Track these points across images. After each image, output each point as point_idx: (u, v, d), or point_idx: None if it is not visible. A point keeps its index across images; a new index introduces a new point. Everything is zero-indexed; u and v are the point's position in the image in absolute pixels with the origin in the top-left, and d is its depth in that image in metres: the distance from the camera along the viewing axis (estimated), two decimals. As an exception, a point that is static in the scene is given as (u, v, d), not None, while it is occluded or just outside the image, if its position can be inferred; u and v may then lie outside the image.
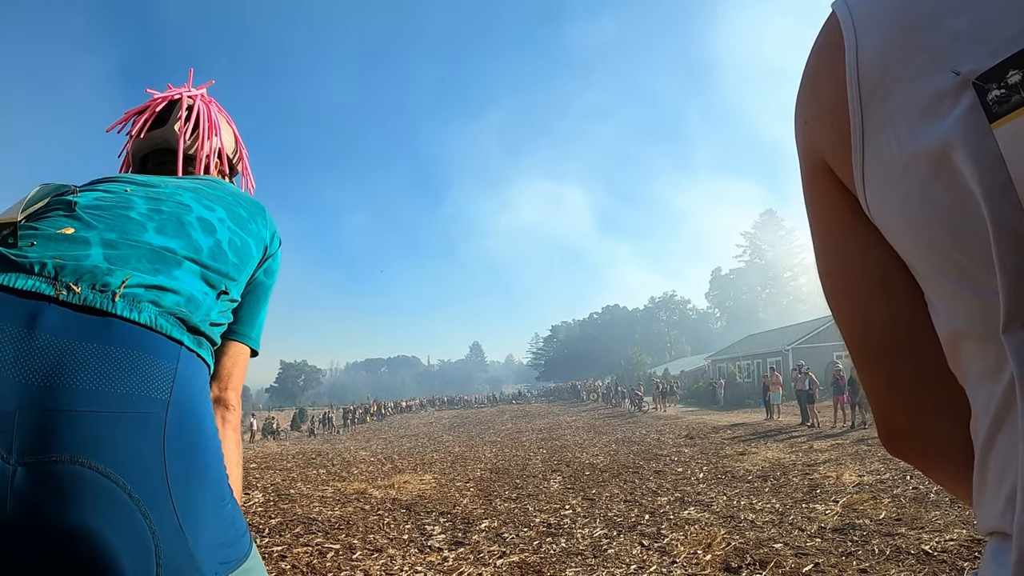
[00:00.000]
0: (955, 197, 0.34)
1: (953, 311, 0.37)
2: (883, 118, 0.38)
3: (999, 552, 0.34)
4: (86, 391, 0.61)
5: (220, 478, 0.72)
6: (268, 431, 33.65)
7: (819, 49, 0.44)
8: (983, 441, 0.36)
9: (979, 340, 0.35)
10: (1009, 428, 0.33)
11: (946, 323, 0.38)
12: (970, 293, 0.35)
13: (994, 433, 0.35)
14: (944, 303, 0.38)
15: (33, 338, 0.61)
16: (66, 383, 0.60)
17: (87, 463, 0.58)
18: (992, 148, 0.32)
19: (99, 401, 0.61)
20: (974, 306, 0.35)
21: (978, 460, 0.37)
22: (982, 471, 0.36)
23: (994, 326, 0.33)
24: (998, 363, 0.34)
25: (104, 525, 0.58)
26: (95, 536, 0.58)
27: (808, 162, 0.47)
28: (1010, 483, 0.33)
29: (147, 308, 0.71)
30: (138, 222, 0.81)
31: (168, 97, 1.15)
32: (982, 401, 0.36)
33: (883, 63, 0.38)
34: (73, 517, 0.57)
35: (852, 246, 0.46)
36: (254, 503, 6.53)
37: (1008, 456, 0.33)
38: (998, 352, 0.33)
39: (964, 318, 0.36)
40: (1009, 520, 0.32)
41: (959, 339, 0.37)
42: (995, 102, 0.32)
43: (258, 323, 1.01)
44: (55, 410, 0.59)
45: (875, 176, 0.39)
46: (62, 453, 0.58)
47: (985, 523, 0.36)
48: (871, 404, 0.49)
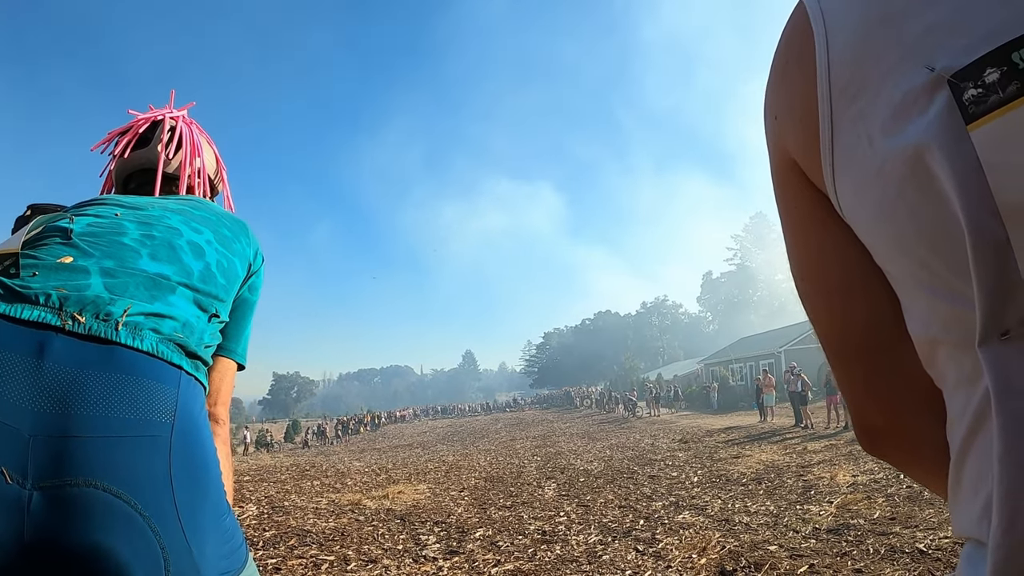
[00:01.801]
0: (930, 203, 0.32)
1: (927, 317, 0.36)
2: (854, 116, 0.36)
3: (975, 560, 0.33)
4: (96, 417, 0.64)
5: (220, 493, 0.76)
6: (262, 443, 33.32)
7: (787, 41, 0.42)
8: (958, 447, 0.35)
9: (954, 348, 0.34)
10: (983, 439, 0.32)
11: (921, 328, 0.37)
12: (945, 301, 0.33)
13: (969, 441, 0.34)
14: (918, 308, 0.37)
15: (42, 367, 0.64)
16: (77, 410, 0.63)
17: (101, 485, 0.62)
18: (968, 152, 0.30)
19: (109, 427, 0.64)
20: (949, 315, 0.33)
21: (953, 464, 0.36)
22: (957, 475, 0.35)
23: (969, 336, 0.32)
24: (974, 372, 0.33)
25: (118, 543, 0.62)
26: (110, 554, 0.61)
27: (778, 159, 0.45)
28: (985, 493, 0.32)
29: (148, 336, 0.74)
30: (132, 248, 0.83)
31: (151, 118, 1.17)
32: (958, 407, 0.35)
33: (854, 58, 0.36)
34: (89, 537, 0.61)
35: (826, 245, 0.44)
36: (248, 516, 6.48)
37: (983, 466, 0.32)
38: (973, 362, 0.32)
39: (939, 326, 0.35)
40: (985, 529, 0.32)
41: (934, 345, 0.36)
42: (971, 102, 0.30)
43: (243, 338, 1.03)
44: (68, 436, 0.62)
45: (846, 177, 0.38)
46: (76, 477, 0.61)
47: (960, 527, 0.36)
48: (847, 403, 0.48)
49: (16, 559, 0.58)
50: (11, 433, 0.60)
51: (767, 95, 0.45)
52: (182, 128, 1.17)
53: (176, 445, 0.68)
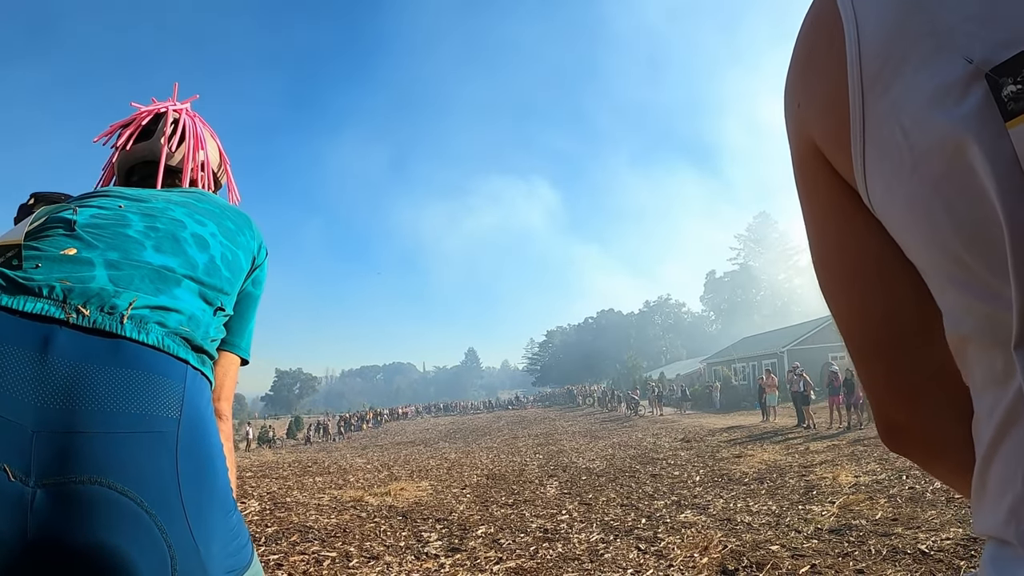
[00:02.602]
0: (968, 199, 0.31)
1: (960, 315, 0.35)
2: (887, 107, 0.35)
3: (1000, 560, 0.33)
4: (101, 413, 0.62)
5: (226, 490, 0.74)
6: (264, 440, 33.48)
7: (814, 27, 0.41)
8: (986, 446, 0.34)
9: (986, 347, 0.33)
10: (1013, 441, 0.32)
11: (952, 324, 0.36)
12: (980, 300, 0.32)
13: (998, 441, 0.33)
14: (951, 305, 0.35)
15: (46, 361, 0.63)
16: (81, 405, 0.62)
17: (105, 482, 0.60)
18: (1007, 149, 0.29)
19: (114, 422, 0.63)
20: (984, 314, 0.32)
21: (979, 463, 0.35)
22: (983, 475, 0.35)
23: (1003, 336, 0.31)
24: (1006, 372, 0.32)
25: (124, 541, 0.60)
26: (116, 553, 0.60)
27: (800, 147, 0.44)
28: (1013, 494, 0.31)
29: (154, 329, 0.73)
30: (136, 240, 0.82)
31: (154, 110, 1.16)
32: (986, 406, 0.34)
33: (886, 46, 0.35)
34: (95, 535, 0.59)
35: (848, 236, 0.43)
36: (250, 512, 6.49)
37: (1012, 468, 0.32)
38: (1006, 360, 0.31)
39: (972, 324, 0.34)
40: (1012, 531, 0.31)
41: (965, 342, 0.35)
42: (1010, 98, 0.29)
43: (247, 333, 1.02)
44: (72, 432, 0.61)
45: (878, 169, 0.36)
46: (80, 474, 0.59)
47: (984, 526, 0.35)
48: (869, 399, 0.46)
49: (20, 558, 0.57)
50: (14, 429, 0.59)
51: (789, 81, 0.44)
52: (185, 121, 1.16)
53: (183, 441, 0.67)
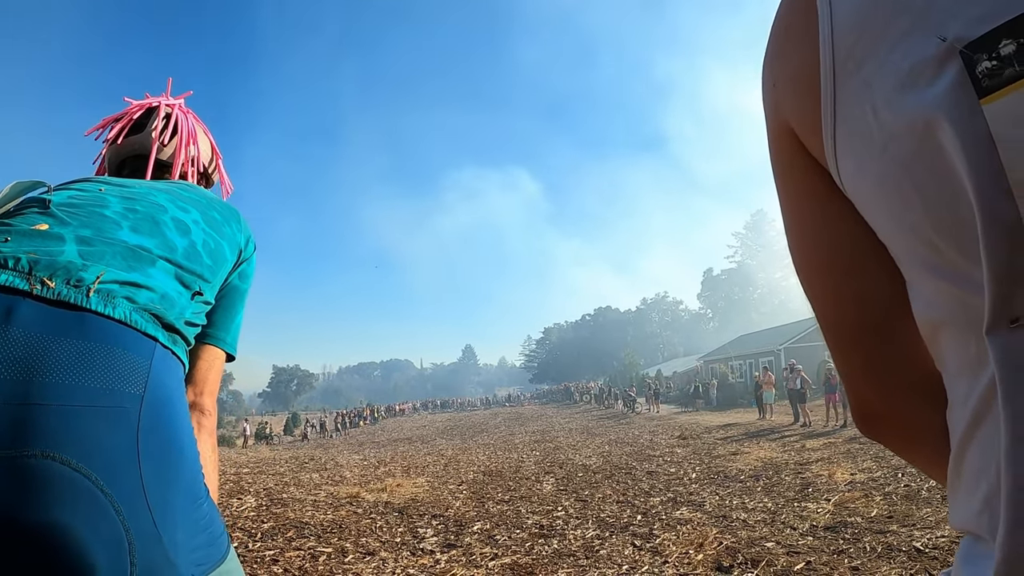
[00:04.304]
0: (939, 180, 0.30)
1: (932, 299, 0.34)
2: (858, 87, 0.34)
3: (972, 556, 0.33)
4: (59, 385, 0.60)
5: (195, 476, 0.71)
6: (261, 436, 33.46)
7: (788, 5, 0.40)
8: (960, 436, 0.34)
9: (959, 332, 0.33)
10: (986, 429, 0.31)
11: (924, 309, 0.35)
12: (951, 283, 0.32)
13: (971, 431, 0.32)
14: (922, 289, 0.35)
15: (7, 333, 0.60)
16: (39, 377, 0.59)
17: (58, 457, 0.57)
18: (981, 127, 0.28)
19: (72, 395, 0.60)
20: (955, 298, 0.32)
21: (954, 452, 0.34)
22: (957, 465, 0.34)
23: (976, 321, 0.30)
24: (979, 359, 0.31)
25: (76, 522, 0.57)
26: (67, 533, 0.56)
27: (775, 128, 0.44)
28: (987, 483, 0.31)
29: (122, 304, 0.70)
30: (112, 220, 0.80)
31: (146, 105, 1.16)
32: (960, 393, 0.34)
33: (859, 24, 0.34)
34: (44, 513, 0.56)
35: (823, 220, 0.42)
36: (247, 507, 6.49)
37: (986, 457, 0.31)
38: (979, 347, 0.31)
39: (944, 308, 0.33)
40: (986, 523, 0.31)
41: (937, 327, 0.35)
42: (985, 75, 0.28)
43: (233, 327, 1.00)
44: (26, 404, 0.58)
45: (848, 149, 0.36)
46: (33, 448, 0.56)
47: (959, 520, 0.34)
48: (845, 386, 0.46)
49: None
50: None
51: (765, 62, 0.44)
52: (178, 115, 1.16)
53: (145, 419, 0.64)
